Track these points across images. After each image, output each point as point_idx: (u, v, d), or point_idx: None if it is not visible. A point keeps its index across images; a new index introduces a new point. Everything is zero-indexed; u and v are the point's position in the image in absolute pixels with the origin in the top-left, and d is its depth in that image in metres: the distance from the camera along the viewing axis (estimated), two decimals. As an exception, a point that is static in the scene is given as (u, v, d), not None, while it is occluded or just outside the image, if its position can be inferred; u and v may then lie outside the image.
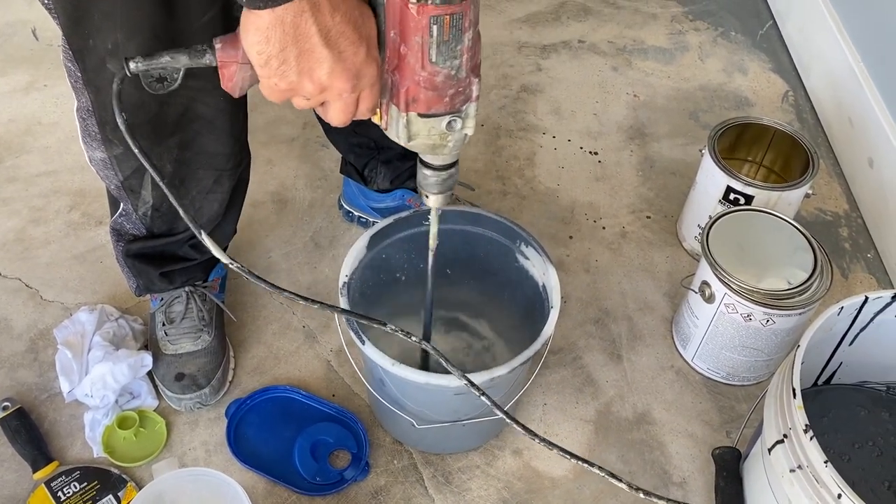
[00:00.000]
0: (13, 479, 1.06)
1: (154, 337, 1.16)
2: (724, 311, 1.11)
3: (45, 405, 1.13)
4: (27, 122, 1.53)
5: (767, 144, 1.35)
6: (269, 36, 0.62)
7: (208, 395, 1.11)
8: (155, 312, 1.16)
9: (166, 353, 1.13)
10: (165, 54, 0.68)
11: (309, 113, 1.58)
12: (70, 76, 0.90)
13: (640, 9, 1.90)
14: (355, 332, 0.94)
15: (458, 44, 0.65)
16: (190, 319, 1.14)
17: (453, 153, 0.76)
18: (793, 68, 1.75)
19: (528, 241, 1.05)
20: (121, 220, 1.07)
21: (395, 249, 1.09)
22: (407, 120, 0.70)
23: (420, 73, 0.66)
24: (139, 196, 1.01)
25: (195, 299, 1.15)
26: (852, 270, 1.38)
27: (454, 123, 0.71)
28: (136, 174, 0.98)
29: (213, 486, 0.92)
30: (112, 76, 0.84)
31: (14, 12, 1.76)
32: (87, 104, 0.91)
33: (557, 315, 0.97)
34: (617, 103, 1.65)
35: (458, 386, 0.90)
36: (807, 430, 0.79)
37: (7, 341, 1.20)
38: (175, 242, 1.09)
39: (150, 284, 1.14)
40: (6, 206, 1.38)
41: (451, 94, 0.69)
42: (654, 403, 1.18)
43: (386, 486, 1.07)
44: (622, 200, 1.46)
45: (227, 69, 0.68)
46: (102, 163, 0.98)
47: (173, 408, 1.12)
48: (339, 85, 0.66)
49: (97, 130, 0.94)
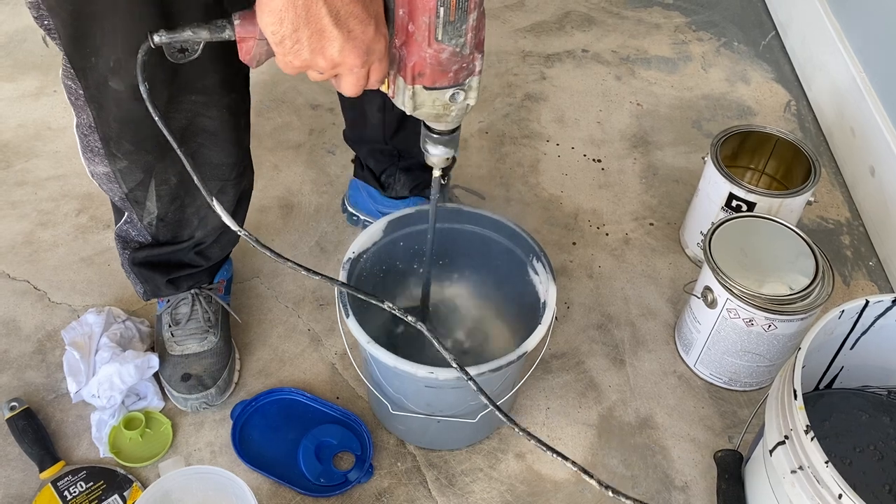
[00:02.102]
0: (20, 479, 1.06)
1: (160, 338, 1.17)
2: (727, 317, 1.11)
3: (52, 405, 1.14)
4: (37, 126, 1.54)
5: (769, 152, 1.36)
6: (282, 17, 0.64)
7: (214, 395, 1.12)
8: (161, 314, 1.17)
9: (173, 354, 1.14)
10: (188, 29, 0.70)
11: (315, 119, 1.59)
12: (70, 94, 0.91)
13: (644, 19, 1.92)
14: (343, 305, 0.95)
15: (462, 24, 0.68)
16: (196, 321, 1.15)
17: (455, 121, 0.80)
18: (795, 78, 1.76)
19: (539, 257, 1.06)
20: (126, 227, 1.08)
21: (414, 240, 1.10)
22: (413, 92, 0.73)
23: (426, 50, 0.70)
24: (144, 207, 1.02)
25: (200, 301, 1.16)
26: (854, 278, 1.38)
27: (457, 95, 0.75)
28: (140, 186, 0.99)
29: (220, 484, 0.93)
30: (113, 94, 0.86)
31: (24, 19, 1.78)
32: (89, 121, 0.92)
33: (544, 332, 0.97)
34: (620, 112, 1.67)
35: (425, 376, 0.91)
36: (808, 430, 0.79)
37: (15, 342, 1.21)
38: (181, 250, 1.10)
39: (156, 290, 1.15)
40: (15, 210, 1.40)
41: (455, 70, 0.72)
42: (657, 408, 1.19)
43: (389, 488, 1.08)
44: (625, 207, 1.47)
45: (245, 44, 0.71)
46: (105, 176, 0.98)
47: (179, 408, 1.13)
48: (350, 61, 0.69)
49: (100, 146, 0.94)
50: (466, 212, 1.09)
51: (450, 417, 1.02)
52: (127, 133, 0.91)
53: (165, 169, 0.97)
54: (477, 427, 1.06)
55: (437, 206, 1.08)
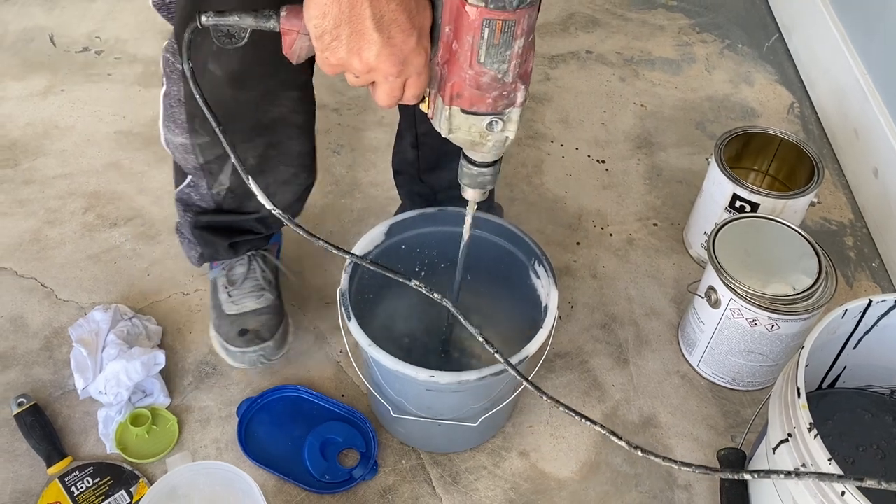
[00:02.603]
0: (28, 474, 1.07)
1: (216, 301, 1.17)
2: (730, 316, 1.12)
3: (60, 402, 1.14)
4: (44, 125, 1.55)
5: (773, 154, 1.37)
6: (326, 12, 0.65)
7: (272, 348, 1.12)
8: (215, 278, 1.18)
9: (229, 314, 1.14)
10: (235, 14, 0.71)
11: (320, 119, 1.59)
12: (166, 65, 0.94)
13: (648, 21, 1.92)
14: (346, 309, 0.96)
15: (507, 49, 0.67)
16: (252, 279, 1.15)
17: (493, 153, 0.78)
18: (798, 80, 1.77)
19: (541, 261, 1.06)
20: (188, 190, 1.09)
21: (416, 243, 1.10)
22: (450, 113, 0.72)
23: (467, 71, 0.68)
24: (216, 179, 1.04)
25: (257, 260, 1.17)
26: (857, 279, 1.39)
27: (495, 125, 0.72)
28: (217, 160, 1.01)
29: (227, 479, 0.94)
30: (210, 76, 0.89)
31: (32, 19, 1.79)
32: (179, 94, 0.95)
33: (546, 336, 0.98)
34: (624, 113, 1.67)
35: (426, 380, 0.91)
36: (811, 428, 0.80)
37: (23, 339, 1.22)
38: (244, 220, 1.12)
39: (215, 254, 1.16)
40: (23, 208, 1.41)
41: (495, 96, 0.70)
42: (660, 407, 1.19)
43: (394, 486, 1.08)
44: (629, 208, 1.48)
45: (288, 36, 0.71)
46: (182, 147, 1.01)
47: (235, 366, 1.13)
48: (385, 68, 0.68)
49: (184, 120, 0.97)
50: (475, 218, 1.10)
51: (451, 421, 1.03)
52: (216, 115, 0.93)
53: (246, 150, 0.99)
54: (479, 430, 1.06)
55: (440, 211, 1.08)
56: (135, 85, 1.65)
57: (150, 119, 1.58)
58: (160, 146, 1.55)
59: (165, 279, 1.30)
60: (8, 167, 1.47)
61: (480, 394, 1.00)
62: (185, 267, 1.32)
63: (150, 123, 1.57)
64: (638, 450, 0.71)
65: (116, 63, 1.70)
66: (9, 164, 1.48)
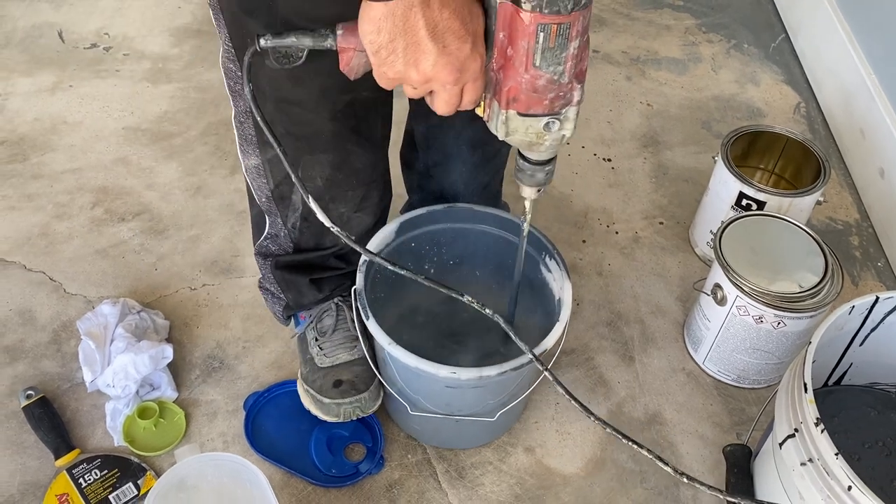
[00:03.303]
0: (36, 466, 1.08)
1: (306, 356, 1.12)
2: (736, 314, 1.12)
3: (68, 395, 1.15)
4: (53, 120, 1.56)
5: (779, 152, 1.37)
6: (380, 27, 0.65)
7: (368, 399, 1.07)
8: (305, 332, 1.14)
9: (322, 367, 1.10)
10: (292, 35, 0.72)
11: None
12: (229, 77, 0.93)
13: (654, 20, 1.93)
14: (362, 307, 0.96)
15: (563, 51, 0.67)
16: (343, 330, 1.11)
17: (549, 151, 0.78)
18: (805, 80, 1.77)
19: (552, 254, 1.07)
20: (266, 242, 1.08)
21: (426, 241, 1.11)
22: (506, 117, 0.72)
23: (523, 76, 0.68)
24: (289, 204, 1.02)
25: (346, 309, 1.12)
26: (862, 278, 1.39)
27: (552, 125, 0.72)
28: (286, 180, 0.99)
29: (235, 471, 0.94)
30: (269, 73, 0.87)
31: (41, 15, 1.80)
32: (245, 107, 0.94)
33: (562, 330, 0.98)
34: (630, 112, 1.68)
35: (447, 376, 0.92)
36: (818, 423, 0.80)
37: (31, 332, 1.22)
38: (323, 256, 1.09)
39: (298, 297, 1.12)
40: (31, 202, 1.41)
41: (552, 98, 0.70)
42: (665, 404, 1.19)
43: (400, 480, 1.09)
44: (635, 206, 1.48)
45: (345, 54, 0.72)
46: (256, 170, 0.99)
47: (329, 420, 1.08)
48: (442, 77, 0.68)
49: (253, 133, 0.96)
50: (478, 211, 1.10)
51: (469, 417, 1.03)
52: (280, 116, 0.92)
53: (312, 166, 0.97)
54: (495, 425, 1.06)
55: (450, 207, 1.08)
56: (143, 81, 1.66)
57: (157, 115, 1.59)
58: (168, 142, 1.56)
59: (173, 274, 1.31)
60: (17, 162, 1.48)
61: (499, 389, 1.01)
62: (193, 262, 1.33)
63: (158, 120, 1.58)
64: (667, 465, 0.71)
65: (125, 59, 1.71)
66: (17, 159, 1.48)
